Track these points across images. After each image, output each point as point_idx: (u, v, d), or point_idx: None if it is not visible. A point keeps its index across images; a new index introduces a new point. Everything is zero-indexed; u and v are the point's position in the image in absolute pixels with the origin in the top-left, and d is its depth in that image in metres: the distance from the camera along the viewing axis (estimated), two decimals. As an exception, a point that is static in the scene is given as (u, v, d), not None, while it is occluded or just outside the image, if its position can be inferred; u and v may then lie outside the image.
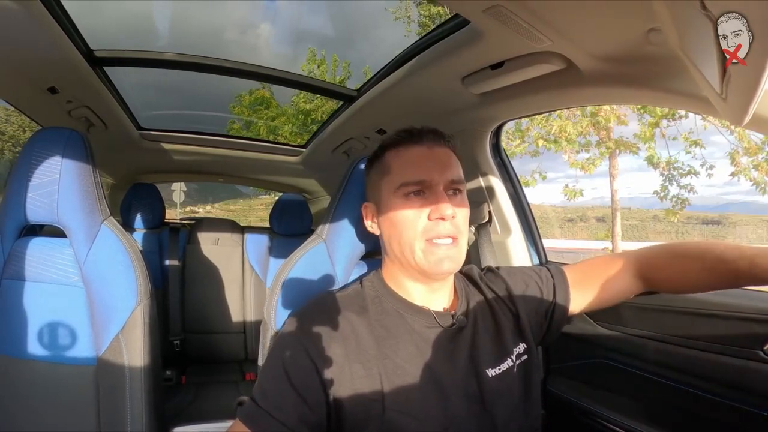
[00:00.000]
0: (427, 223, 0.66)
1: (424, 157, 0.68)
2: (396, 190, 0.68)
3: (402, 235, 0.67)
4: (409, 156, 0.69)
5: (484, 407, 0.66)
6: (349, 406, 0.62)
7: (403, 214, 0.67)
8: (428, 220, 0.66)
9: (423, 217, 0.66)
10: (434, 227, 0.65)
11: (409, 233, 0.66)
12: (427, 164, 0.68)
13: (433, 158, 0.68)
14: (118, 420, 0.88)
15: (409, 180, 0.67)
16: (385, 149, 0.72)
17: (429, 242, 0.66)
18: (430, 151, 0.69)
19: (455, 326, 0.69)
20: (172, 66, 1.32)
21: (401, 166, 0.69)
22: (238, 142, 1.99)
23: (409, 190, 0.67)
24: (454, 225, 0.66)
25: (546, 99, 0.95)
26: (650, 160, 5.66)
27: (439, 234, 0.65)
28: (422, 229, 0.66)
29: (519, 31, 0.69)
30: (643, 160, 5.69)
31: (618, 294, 0.78)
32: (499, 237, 1.28)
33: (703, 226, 24.54)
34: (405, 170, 0.68)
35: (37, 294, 0.89)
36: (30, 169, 0.88)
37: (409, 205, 0.67)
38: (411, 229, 0.66)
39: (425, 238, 0.66)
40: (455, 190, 0.69)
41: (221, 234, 2.16)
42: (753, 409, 0.75)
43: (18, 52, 0.91)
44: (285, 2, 23.86)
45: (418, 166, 0.68)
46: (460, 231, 0.67)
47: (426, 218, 0.66)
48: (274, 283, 0.84)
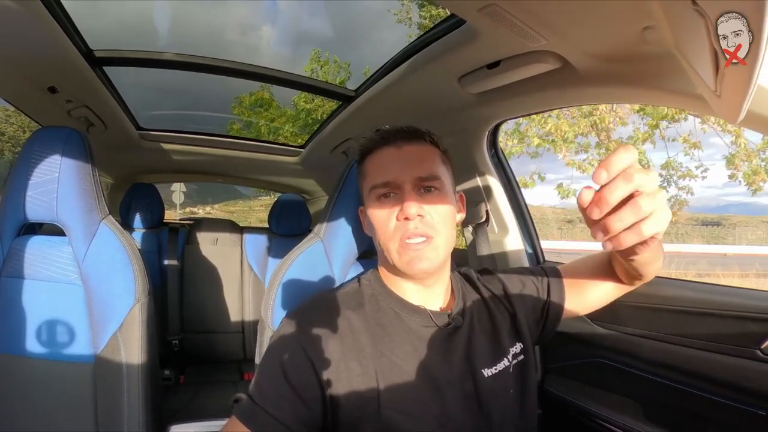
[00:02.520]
0: (396, 224, 0.66)
1: (392, 157, 0.69)
2: (369, 194, 0.69)
3: (379, 237, 0.69)
4: (379, 158, 0.70)
5: (480, 406, 0.66)
6: (345, 404, 0.62)
7: (377, 216, 0.68)
8: (397, 220, 0.66)
9: (393, 218, 0.66)
10: (402, 227, 0.65)
11: (384, 235, 0.67)
12: (393, 164, 0.68)
13: (401, 157, 0.68)
14: (116, 418, 0.88)
15: (377, 182, 0.68)
16: (364, 154, 0.73)
17: (400, 243, 0.66)
18: (398, 151, 0.69)
19: (451, 325, 0.69)
20: (172, 66, 1.33)
21: (372, 169, 0.70)
22: (238, 143, 1.99)
23: (379, 192, 0.68)
24: (424, 223, 0.65)
25: (543, 98, 0.96)
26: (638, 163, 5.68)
27: (407, 234, 0.65)
28: (393, 229, 0.66)
29: (514, 30, 0.70)
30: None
31: (611, 290, 0.78)
32: (496, 236, 1.29)
33: (702, 227, 24.53)
34: (375, 173, 0.69)
35: (36, 292, 0.89)
36: (29, 168, 0.89)
37: (380, 207, 0.68)
38: (385, 231, 0.67)
39: (396, 239, 0.66)
40: (427, 188, 0.67)
41: (220, 234, 2.16)
42: (750, 408, 0.75)
43: (18, 52, 0.92)
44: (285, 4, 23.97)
45: (385, 167, 0.68)
46: (434, 229, 0.66)
47: (395, 219, 0.66)
48: (272, 282, 0.84)
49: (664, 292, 0.90)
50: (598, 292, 0.78)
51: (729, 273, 8.70)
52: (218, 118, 7.36)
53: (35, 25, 0.82)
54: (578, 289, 0.78)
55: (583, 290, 0.78)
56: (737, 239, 20.55)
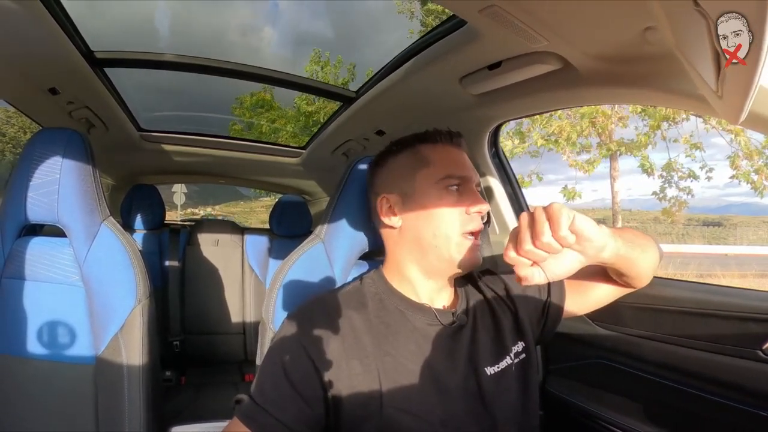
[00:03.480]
0: (463, 217, 0.68)
1: (459, 155, 0.73)
2: (437, 182, 0.69)
3: (439, 227, 0.69)
4: (449, 153, 0.73)
5: (483, 405, 0.66)
6: (347, 404, 0.62)
7: (443, 205, 0.69)
8: (465, 214, 0.68)
9: (461, 210, 0.69)
10: (471, 221, 0.69)
11: (447, 225, 0.68)
12: (465, 164, 0.72)
13: (465, 160, 0.73)
14: (117, 419, 0.88)
15: (454, 174, 0.70)
16: (419, 142, 0.74)
17: (464, 236, 0.68)
18: (460, 152, 0.74)
19: (456, 324, 0.69)
20: (173, 67, 1.33)
21: (443, 160, 0.71)
22: (238, 144, 1.99)
23: (452, 182, 0.69)
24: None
25: (544, 99, 0.96)
26: (643, 167, 5.72)
27: (475, 228, 0.69)
28: (460, 222, 0.68)
29: (515, 31, 0.70)
30: (638, 166, 5.76)
31: (610, 291, 0.79)
32: (497, 237, 1.28)
33: (703, 227, 24.50)
34: (448, 165, 0.71)
35: (37, 293, 0.89)
36: (30, 169, 0.89)
37: (448, 197, 0.69)
38: (449, 221, 0.68)
39: (461, 232, 0.68)
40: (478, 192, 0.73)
41: (221, 235, 2.16)
42: (751, 409, 0.75)
43: (18, 53, 0.92)
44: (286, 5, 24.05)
45: (457, 163, 0.72)
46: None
47: (463, 212, 0.69)
48: (273, 283, 0.84)
49: (666, 292, 0.90)
50: (597, 292, 0.79)
51: (729, 273, 8.69)
52: (219, 119, 7.37)
53: (36, 26, 0.82)
54: (578, 289, 0.79)
55: (582, 290, 0.79)
56: (738, 239, 20.51)
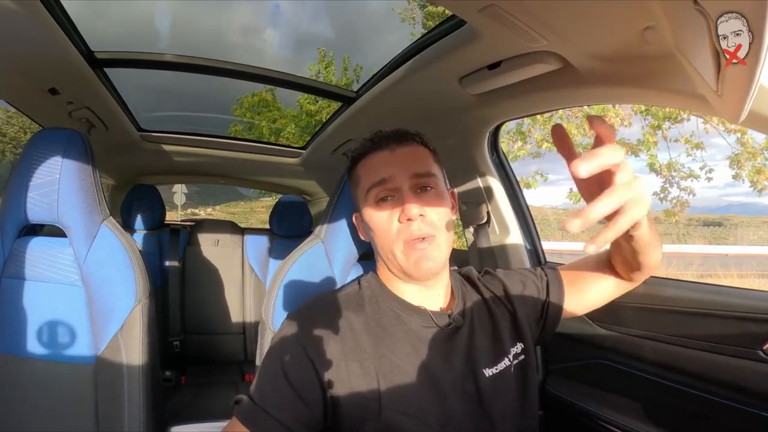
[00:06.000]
0: (398, 226, 0.66)
1: (386, 159, 0.69)
2: (366, 198, 0.69)
3: (381, 241, 0.69)
4: (373, 162, 0.70)
5: (481, 407, 0.66)
6: (346, 405, 0.62)
7: (377, 220, 0.68)
8: (399, 222, 0.66)
9: (394, 220, 0.67)
10: (406, 229, 0.66)
11: (386, 238, 0.68)
12: (388, 166, 0.69)
13: (395, 159, 0.69)
14: (116, 419, 0.88)
15: (372, 182, 0.68)
16: (356, 161, 0.73)
17: (404, 244, 0.66)
18: (391, 154, 0.69)
19: (452, 326, 0.69)
20: (173, 68, 1.33)
21: (366, 173, 0.71)
22: (239, 144, 2.00)
23: (377, 193, 0.68)
24: (425, 223, 0.66)
25: (543, 99, 0.96)
26: (651, 167, 5.71)
27: (411, 235, 0.65)
28: (396, 232, 0.67)
29: (515, 31, 0.70)
30: (645, 165, 5.74)
31: (610, 289, 0.78)
32: (497, 237, 1.28)
33: (704, 227, 24.47)
34: (369, 175, 0.70)
35: (37, 293, 0.89)
36: (30, 169, 0.89)
37: (380, 210, 0.68)
38: (386, 234, 0.67)
39: (401, 241, 0.66)
40: (423, 187, 0.68)
41: (221, 235, 2.16)
42: (751, 409, 0.75)
43: (18, 53, 0.92)
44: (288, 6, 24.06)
45: (379, 169, 0.69)
46: (436, 228, 0.67)
47: (397, 221, 0.67)
48: (272, 283, 0.84)
49: (666, 292, 0.90)
50: (597, 290, 0.78)
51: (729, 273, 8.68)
52: (219, 119, 7.37)
53: (36, 26, 0.82)
54: (577, 288, 0.78)
55: (582, 289, 0.78)
56: (739, 239, 20.50)
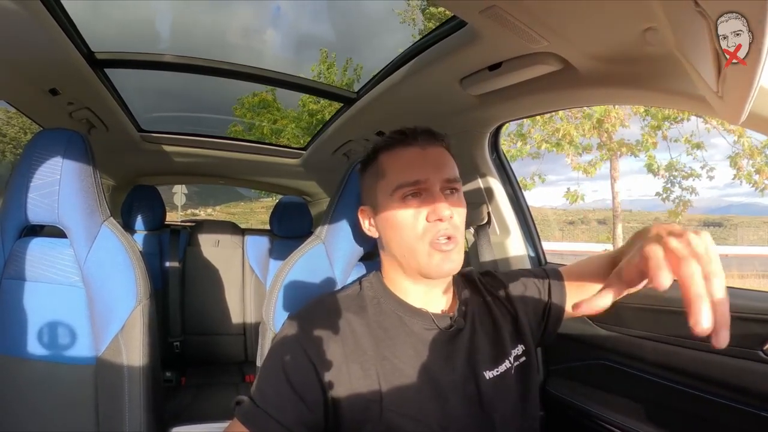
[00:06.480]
0: (426, 225, 0.65)
1: (419, 157, 0.68)
2: (393, 193, 0.67)
3: (402, 238, 0.67)
4: (404, 157, 0.68)
5: (482, 409, 0.66)
6: (347, 407, 0.62)
7: (401, 217, 0.66)
8: (426, 221, 0.65)
9: (421, 218, 0.65)
10: (433, 228, 0.65)
11: (409, 236, 0.66)
12: (422, 165, 0.67)
13: (428, 158, 0.68)
14: (117, 420, 0.88)
15: (405, 181, 0.66)
16: (379, 152, 0.71)
17: (430, 244, 0.65)
18: (423, 152, 0.68)
19: (453, 328, 0.69)
20: (173, 68, 1.33)
21: (396, 168, 0.68)
22: (239, 145, 2.00)
23: (406, 192, 0.66)
24: (452, 225, 0.66)
25: (544, 100, 0.96)
26: (650, 167, 5.71)
27: (438, 235, 0.64)
28: (422, 231, 0.65)
29: (516, 32, 0.70)
30: (643, 166, 5.75)
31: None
32: (498, 238, 1.28)
33: (704, 228, 24.44)
34: (400, 172, 0.67)
35: (38, 294, 0.89)
36: (31, 170, 0.89)
37: (406, 207, 0.66)
38: (411, 232, 0.66)
39: (426, 240, 0.65)
40: (451, 190, 0.68)
41: (221, 236, 2.16)
42: (752, 410, 0.74)
43: (18, 53, 0.92)
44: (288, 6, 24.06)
45: (413, 167, 0.67)
46: (459, 230, 0.67)
47: (424, 220, 0.65)
48: (273, 284, 0.84)
49: (666, 293, 0.89)
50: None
51: (729, 273, 8.66)
52: (220, 120, 7.37)
53: (36, 26, 0.82)
54: (579, 290, 0.78)
55: (584, 291, 0.78)
56: (739, 240, 20.48)
